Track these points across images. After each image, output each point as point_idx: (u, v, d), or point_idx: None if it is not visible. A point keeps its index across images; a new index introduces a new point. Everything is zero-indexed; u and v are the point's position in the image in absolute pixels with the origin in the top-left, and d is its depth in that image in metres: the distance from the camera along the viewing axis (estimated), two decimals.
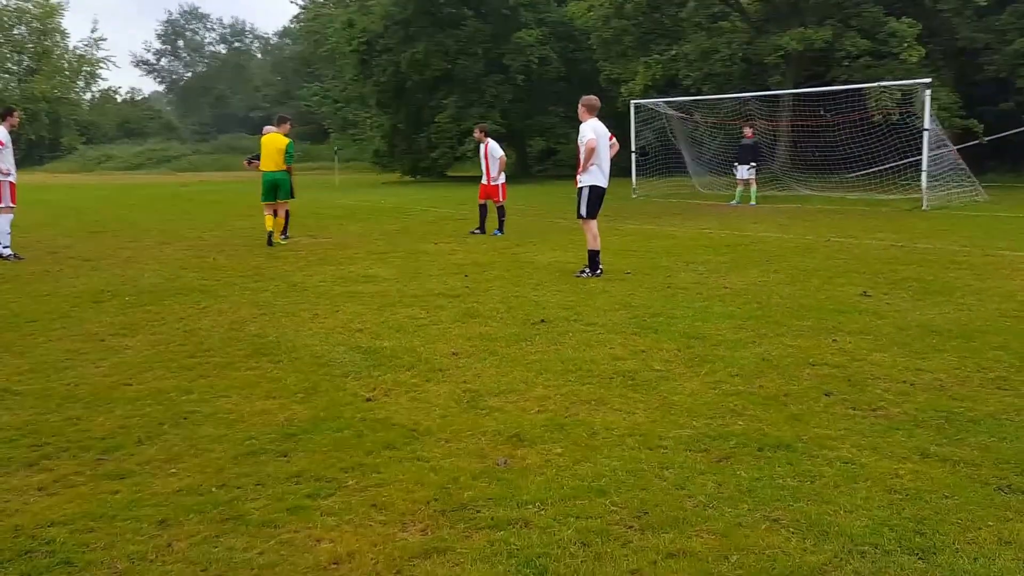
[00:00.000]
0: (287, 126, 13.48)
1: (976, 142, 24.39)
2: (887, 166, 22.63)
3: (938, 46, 26.05)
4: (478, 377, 5.47)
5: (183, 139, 73.54)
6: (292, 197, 13.60)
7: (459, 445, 4.26)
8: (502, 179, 14.42)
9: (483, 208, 14.57)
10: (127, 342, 6.55)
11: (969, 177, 19.64)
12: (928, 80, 18.39)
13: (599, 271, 9.59)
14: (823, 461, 3.99)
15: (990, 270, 9.45)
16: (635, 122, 23.62)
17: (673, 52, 26.57)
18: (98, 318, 7.47)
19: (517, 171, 40.91)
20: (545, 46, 32.51)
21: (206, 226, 16.29)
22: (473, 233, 14.30)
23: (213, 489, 3.75)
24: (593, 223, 9.64)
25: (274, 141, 13.21)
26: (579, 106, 9.74)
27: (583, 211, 9.62)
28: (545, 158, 43.46)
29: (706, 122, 24.61)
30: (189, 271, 10.35)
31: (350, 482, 3.81)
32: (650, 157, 24.68)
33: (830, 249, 11.56)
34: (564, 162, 42.78)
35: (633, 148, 23.63)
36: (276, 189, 13.20)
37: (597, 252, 9.65)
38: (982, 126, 24.12)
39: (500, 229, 14.31)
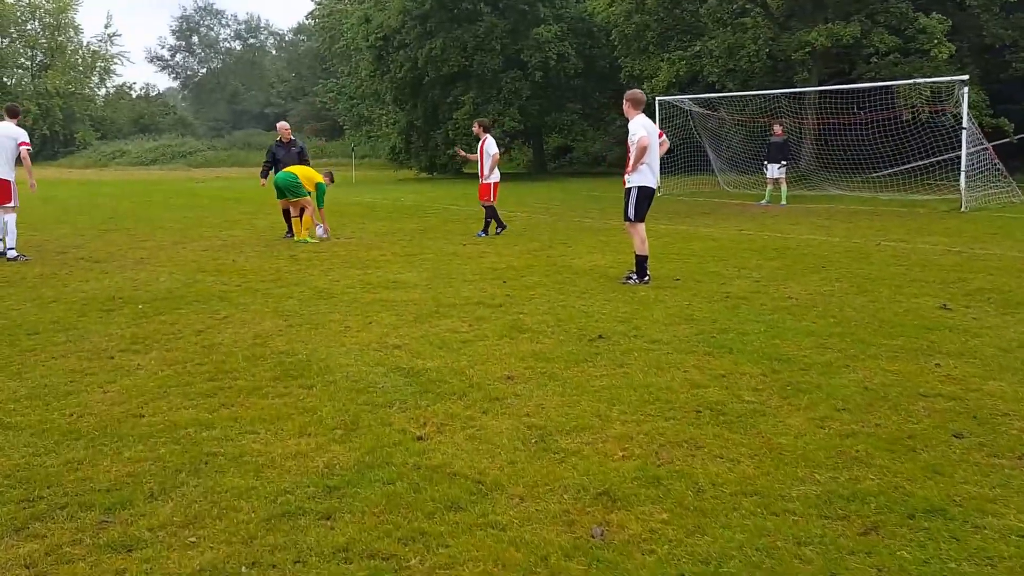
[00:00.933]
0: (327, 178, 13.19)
1: (1006, 140, 23.48)
2: (915, 164, 21.75)
3: (964, 43, 25.10)
4: (542, 408, 4.65)
5: (198, 135, 72.90)
6: (304, 195, 12.63)
7: (538, 505, 3.44)
8: (495, 178, 13.39)
9: (491, 209, 13.61)
10: (139, 360, 5.75)
11: (1005, 177, 18.73)
12: (966, 77, 17.49)
13: (647, 278, 8.77)
14: (993, 535, 3.17)
15: None
16: (660, 119, 22.71)
17: (697, 48, 25.64)
18: (107, 330, 6.68)
19: (534, 168, 40.12)
20: (563, 42, 31.61)
21: (223, 225, 15.50)
22: (498, 233, 13.48)
23: (243, 570, 2.95)
24: (641, 226, 8.80)
25: (311, 176, 12.72)
26: (624, 102, 8.94)
27: (631, 213, 8.78)
28: (561, 155, 42.64)
29: (732, 119, 23.69)
30: (207, 275, 9.56)
31: (412, 560, 3.01)
32: (675, 154, 23.77)
33: (884, 254, 10.70)
34: (579, 159, 42.01)
35: None
36: (286, 192, 12.56)
37: (645, 258, 8.82)
38: (1012, 125, 23.16)
39: (484, 230, 13.44)
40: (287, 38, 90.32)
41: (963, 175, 17.24)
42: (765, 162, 19.74)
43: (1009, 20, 23.52)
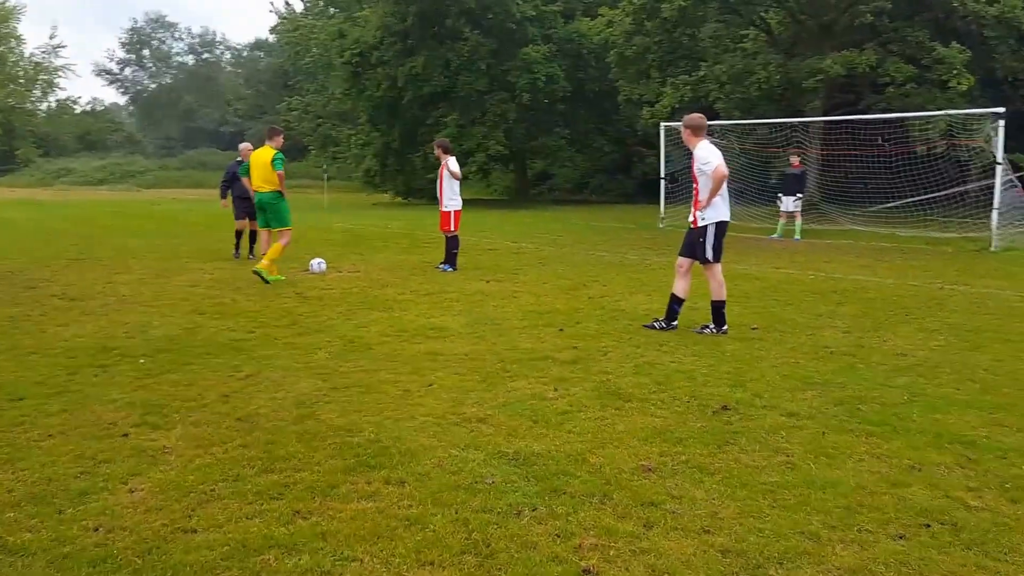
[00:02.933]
0: (280, 139, 11.52)
1: (1020, 173, 23.24)
2: (927, 196, 21.31)
3: (976, 75, 24.95)
4: (719, 521, 3.67)
5: (146, 153, 70.89)
6: (287, 225, 11.40)
7: None
8: (455, 205, 12.40)
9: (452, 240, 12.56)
10: (162, 440, 4.65)
11: None
12: (1002, 109, 17.00)
13: (725, 327, 7.86)
14: None
15: None
16: (665, 146, 22.03)
17: (702, 73, 25.09)
18: (108, 394, 5.55)
19: (516, 195, 39.31)
20: (552, 63, 30.93)
21: (203, 254, 14.30)
22: (442, 268, 12.41)
23: None
24: (719, 268, 7.91)
25: (262, 156, 11.36)
26: (684, 129, 8.05)
27: (710, 254, 7.86)
28: (541, 181, 41.94)
29: (741, 148, 23.10)
30: (207, 318, 8.43)
31: None
32: (679, 183, 23.10)
33: (958, 300, 9.95)
34: (560, 186, 41.33)
35: (663, 174, 22.05)
36: (265, 213, 11.49)
37: (723, 303, 7.92)
38: None
39: (450, 263, 12.39)
40: (245, 54, 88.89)
41: (995, 212, 16.72)
42: (780, 194, 19.07)
43: (1021, 54, 23.37)
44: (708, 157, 7.72)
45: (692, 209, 8.00)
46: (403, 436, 4.74)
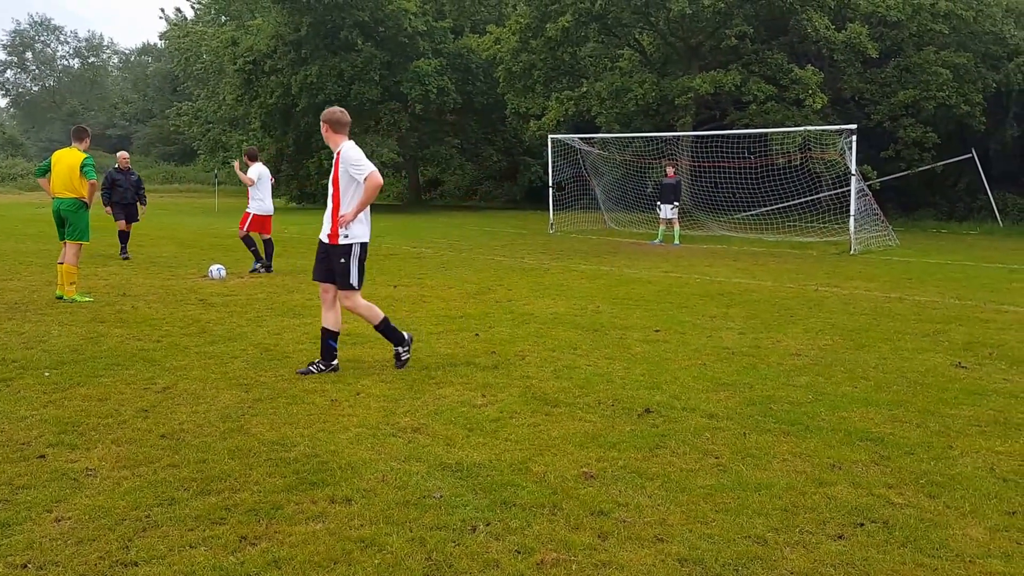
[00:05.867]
0: (88, 140, 9.74)
1: (870, 183, 24.58)
2: (788, 204, 22.25)
3: (827, 94, 26.27)
4: (669, 528, 3.54)
5: (29, 156, 66.20)
6: (85, 239, 9.71)
7: None
8: (255, 208, 12.23)
9: (267, 243, 12.37)
10: (83, 461, 4.15)
11: (883, 221, 19.35)
12: (854, 126, 17.89)
13: (406, 348, 6.41)
14: None
15: None
16: (552, 156, 22.11)
17: (584, 89, 25.35)
18: (16, 411, 4.96)
19: (409, 200, 38.78)
20: (443, 76, 30.61)
21: (95, 260, 13.29)
22: (257, 270, 12.19)
23: None
24: (359, 295, 6.42)
25: (67, 157, 9.42)
26: (322, 124, 6.30)
27: (355, 279, 6.27)
28: (432, 188, 41.57)
29: (622, 159, 23.46)
30: (110, 326, 7.76)
31: None
32: (566, 192, 23.27)
33: (833, 301, 10.31)
34: (451, 192, 41.05)
35: (550, 183, 22.12)
36: (64, 223, 9.51)
37: (386, 320, 6.41)
38: (875, 172, 24.25)
39: (261, 262, 12.25)
40: (132, 58, 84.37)
41: (852, 219, 17.55)
42: (658, 203, 19.44)
43: (868, 75, 24.70)
44: (361, 160, 6.07)
45: (330, 222, 6.24)
46: (340, 449, 4.41)
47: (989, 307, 9.87)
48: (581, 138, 22.96)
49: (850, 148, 17.67)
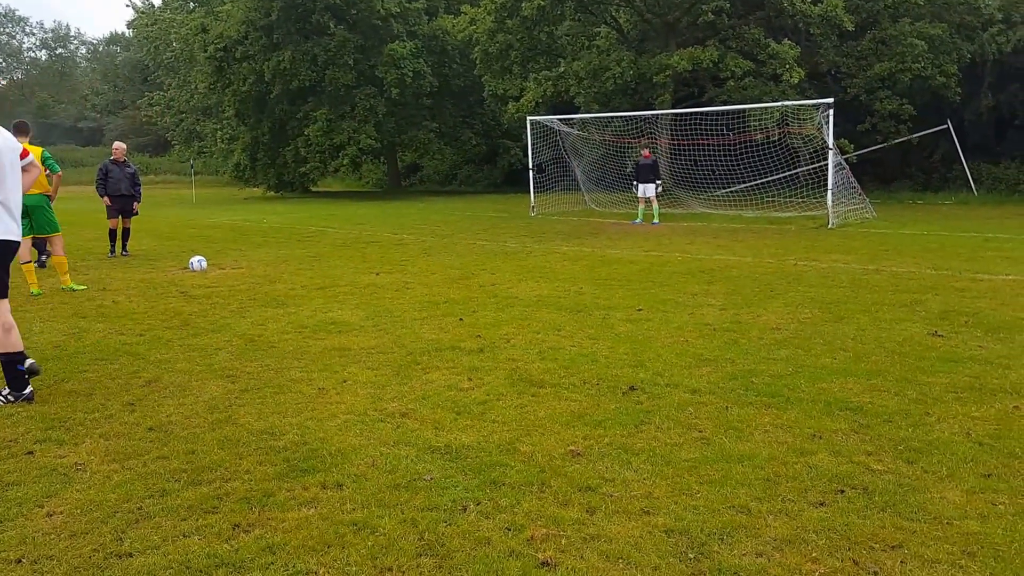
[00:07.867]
0: (30, 135, 9.29)
1: (847, 156, 24.79)
2: (766, 179, 22.42)
3: (804, 68, 26.39)
4: (656, 501, 3.63)
5: None
6: (59, 228, 9.86)
7: None
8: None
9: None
10: (71, 456, 4.20)
11: (860, 194, 19.54)
12: (831, 100, 18.01)
13: (27, 392, 5.14)
14: None
15: (1008, 297, 8.56)
16: (532, 138, 22.10)
17: (562, 69, 25.32)
18: (1, 407, 4.98)
19: (388, 186, 38.65)
20: (418, 59, 30.45)
21: (72, 254, 13.20)
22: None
23: None
24: (6, 306, 5.20)
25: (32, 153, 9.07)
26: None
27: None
28: (411, 173, 41.44)
29: (602, 140, 23.50)
30: (91, 321, 7.77)
31: None
32: (546, 174, 23.29)
33: (811, 274, 10.45)
34: (430, 177, 40.94)
35: (531, 165, 22.13)
36: (31, 217, 9.36)
37: (18, 355, 5.12)
38: (852, 145, 24.44)
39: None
40: (101, 48, 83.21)
41: (830, 193, 17.73)
42: (635, 183, 19.51)
43: (844, 48, 24.82)
44: (17, 146, 5.34)
45: None
46: (329, 436, 4.47)
47: (964, 276, 10.05)
48: (560, 119, 22.96)
49: (827, 122, 17.79)
